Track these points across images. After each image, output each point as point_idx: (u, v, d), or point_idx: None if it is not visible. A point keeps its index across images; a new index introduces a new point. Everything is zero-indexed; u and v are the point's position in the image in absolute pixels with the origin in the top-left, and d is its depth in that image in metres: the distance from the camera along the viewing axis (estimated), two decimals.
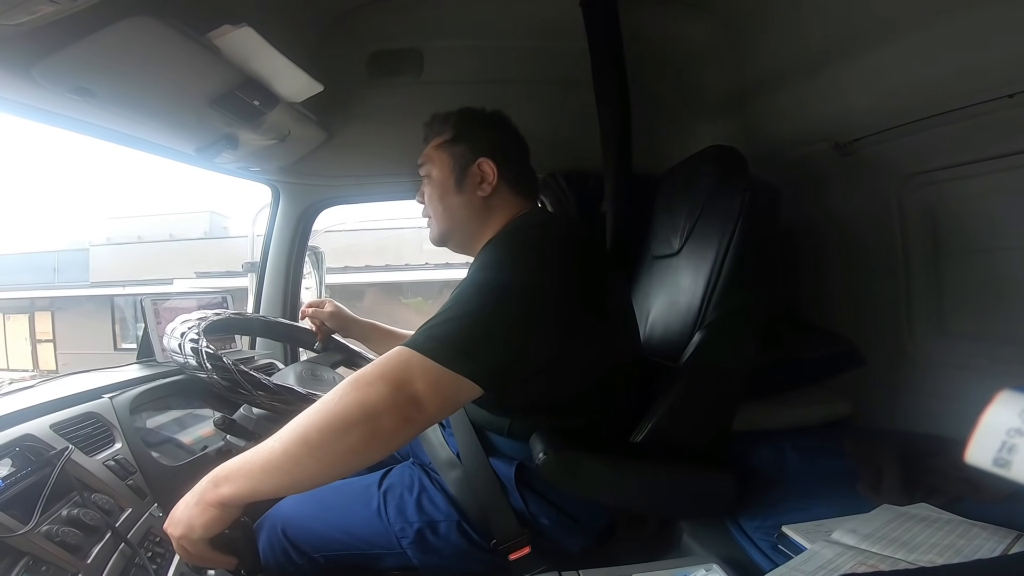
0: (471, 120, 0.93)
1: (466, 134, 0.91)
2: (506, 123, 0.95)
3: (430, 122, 0.95)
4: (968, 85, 0.88)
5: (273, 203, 1.56)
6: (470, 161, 0.89)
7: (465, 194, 0.90)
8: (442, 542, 0.83)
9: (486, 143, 0.90)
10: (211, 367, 0.91)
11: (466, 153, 0.90)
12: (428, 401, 0.63)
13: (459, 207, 0.90)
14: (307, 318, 1.21)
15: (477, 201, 0.90)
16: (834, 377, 1.29)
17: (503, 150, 0.91)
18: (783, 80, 1.22)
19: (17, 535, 0.64)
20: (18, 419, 0.81)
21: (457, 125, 0.92)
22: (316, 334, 1.23)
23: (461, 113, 0.93)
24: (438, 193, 0.92)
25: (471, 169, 0.89)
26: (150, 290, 6.29)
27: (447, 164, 0.91)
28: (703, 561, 0.76)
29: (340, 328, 1.22)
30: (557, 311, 0.73)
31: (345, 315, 1.21)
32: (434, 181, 0.92)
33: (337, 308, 1.21)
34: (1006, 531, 0.69)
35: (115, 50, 0.75)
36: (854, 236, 1.29)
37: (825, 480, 0.97)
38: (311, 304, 1.22)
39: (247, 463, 0.63)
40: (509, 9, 1.30)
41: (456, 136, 0.91)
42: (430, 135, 0.94)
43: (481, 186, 0.89)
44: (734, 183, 0.92)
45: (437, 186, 0.92)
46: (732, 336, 0.87)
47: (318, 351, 1.22)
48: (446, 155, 0.91)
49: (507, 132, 0.94)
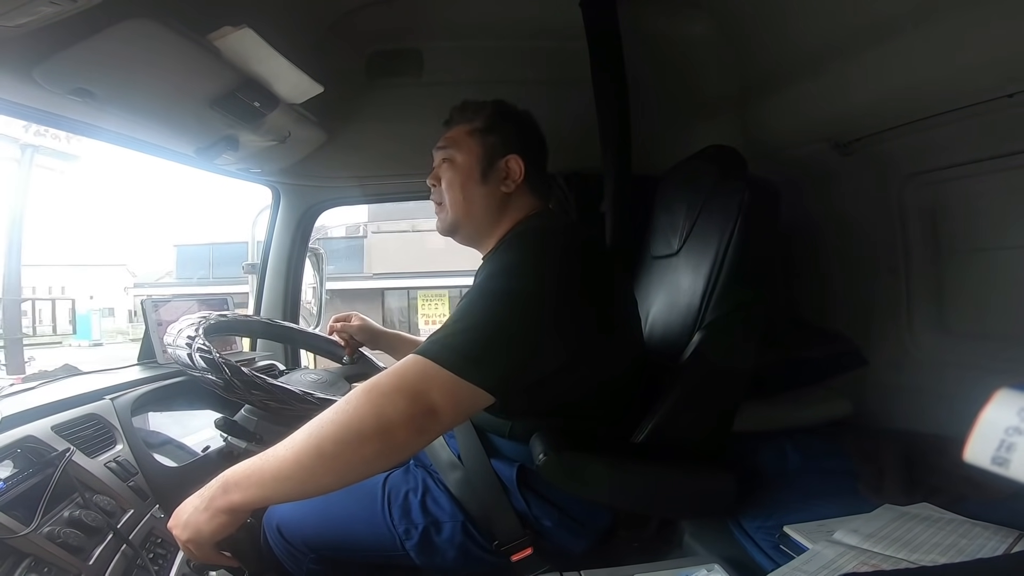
0: (506, 115, 0.92)
1: (500, 127, 0.90)
2: (536, 125, 0.95)
3: (461, 107, 0.93)
4: (968, 85, 0.88)
5: (273, 204, 1.57)
6: (500, 155, 0.88)
7: (488, 186, 0.89)
8: (445, 543, 0.83)
9: (518, 140, 0.90)
10: (229, 374, 0.90)
11: (497, 146, 0.89)
12: (443, 411, 0.63)
13: (479, 198, 0.89)
14: (335, 333, 1.20)
15: (498, 195, 0.89)
16: (835, 377, 1.29)
17: (531, 149, 0.91)
18: (783, 80, 1.22)
19: (19, 536, 0.65)
20: (20, 421, 0.81)
21: (492, 116, 0.90)
22: (345, 347, 1.22)
23: (497, 105, 0.92)
24: (460, 179, 0.89)
25: (499, 163, 0.88)
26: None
27: (476, 152, 0.89)
28: (705, 561, 0.76)
29: (368, 341, 1.21)
30: (567, 318, 0.73)
31: (372, 328, 1.21)
32: (457, 166, 0.90)
33: (364, 321, 1.21)
34: (1008, 530, 0.69)
35: (115, 52, 0.76)
36: (854, 236, 1.29)
37: (826, 480, 0.97)
38: (338, 319, 1.21)
39: (258, 470, 0.63)
40: (509, 9, 1.30)
41: (490, 127, 0.90)
42: (459, 120, 0.92)
43: (505, 181, 0.89)
44: (734, 183, 0.92)
45: (460, 172, 0.89)
46: (732, 336, 0.87)
47: (346, 364, 1.23)
48: (476, 143, 0.89)
49: (536, 133, 0.95)
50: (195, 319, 1.01)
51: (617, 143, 1.28)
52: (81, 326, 6.24)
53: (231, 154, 1.15)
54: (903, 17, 0.88)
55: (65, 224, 27.13)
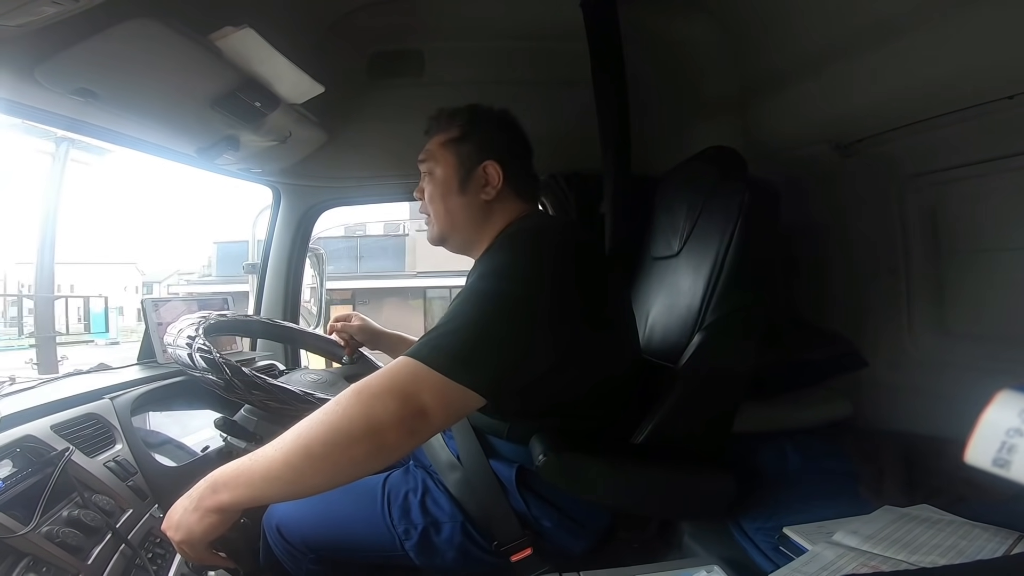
0: (479, 119, 0.90)
1: (474, 134, 0.88)
2: (513, 124, 0.93)
3: (436, 116, 0.92)
4: (968, 86, 0.88)
5: (274, 204, 1.57)
6: (476, 163, 0.86)
7: (468, 196, 0.87)
8: (445, 543, 0.83)
9: (493, 145, 0.88)
10: (229, 374, 0.89)
11: (472, 154, 0.87)
12: (434, 413, 0.63)
13: (460, 209, 0.88)
14: (335, 333, 1.19)
15: (479, 204, 0.87)
16: (835, 377, 1.29)
17: (510, 153, 0.89)
18: (783, 81, 1.22)
19: (18, 536, 0.65)
20: (19, 420, 0.81)
21: (465, 124, 0.88)
22: (345, 347, 1.21)
23: (469, 111, 0.90)
24: (440, 193, 0.89)
25: (476, 171, 0.86)
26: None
27: (452, 164, 0.87)
28: (704, 562, 0.76)
29: (368, 341, 1.20)
30: (558, 319, 0.72)
31: (373, 328, 1.19)
32: (436, 180, 0.89)
33: (365, 322, 1.19)
34: (1008, 532, 0.69)
35: (117, 52, 0.76)
36: (855, 237, 1.29)
37: (826, 481, 0.97)
38: (339, 318, 1.20)
39: (246, 470, 0.63)
40: (509, 9, 1.30)
41: (463, 135, 0.88)
42: (435, 130, 0.91)
43: (485, 189, 0.87)
44: (734, 184, 0.92)
45: (439, 185, 0.88)
46: (732, 337, 0.87)
47: (346, 364, 1.23)
48: (451, 154, 0.88)
49: (514, 133, 0.92)
50: (195, 319, 1.01)
51: (617, 143, 1.28)
52: (99, 324, 6.27)
53: (232, 154, 1.15)
54: (904, 18, 0.88)
55: (77, 220, 27.12)
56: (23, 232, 15.69)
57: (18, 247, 12.95)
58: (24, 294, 7.80)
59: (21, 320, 3.61)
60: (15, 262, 9.95)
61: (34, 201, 4.54)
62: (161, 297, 1.46)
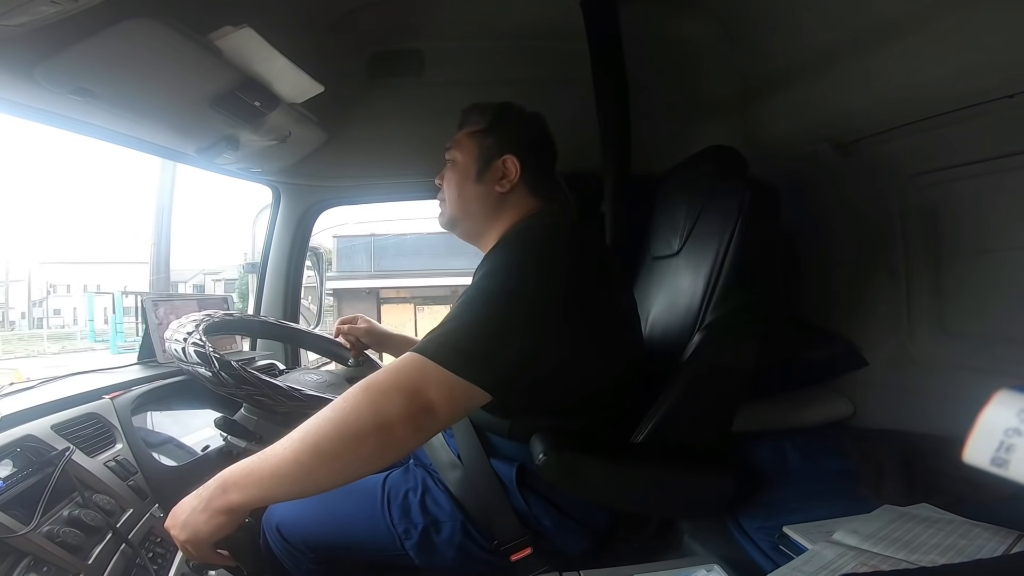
0: (506, 115, 0.94)
1: (498, 128, 0.92)
2: (542, 125, 0.97)
3: (468, 110, 0.96)
4: (968, 85, 0.88)
5: (274, 204, 1.57)
6: (496, 155, 0.91)
7: (483, 186, 0.91)
8: (445, 542, 0.83)
9: (516, 140, 0.92)
10: (218, 366, 0.89)
11: (493, 147, 0.91)
12: (441, 409, 0.63)
13: (474, 197, 0.91)
14: (341, 335, 1.20)
15: (493, 195, 0.91)
16: (835, 377, 1.29)
17: (531, 150, 0.92)
18: (783, 80, 1.22)
19: (18, 535, 0.65)
20: (19, 420, 0.81)
21: (492, 118, 0.93)
22: (350, 350, 1.22)
23: (499, 107, 0.94)
24: (457, 179, 0.93)
25: (495, 163, 0.90)
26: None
27: (473, 153, 0.92)
28: (704, 562, 0.76)
29: (375, 344, 1.21)
30: (564, 318, 0.73)
31: (379, 331, 1.20)
32: (457, 167, 0.93)
33: (371, 324, 1.20)
34: (1007, 531, 0.69)
35: (116, 51, 0.76)
36: (854, 236, 1.29)
37: (826, 480, 0.97)
38: (345, 321, 1.21)
39: (256, 470, 0.63)
40: (509, 9, 1.30)
41: (488, 128, 0.92)
42: (465, 122, 0.95)
43: (501, 181, 0.90)
44: (734, 183, 0.92)
45: (458, 172, 0.93)
46: (732, 337, 0.87)
47: (351, 366, 1.23)
48: (474, 144, 0.92)
49: (540, 133, 0.96)
50: (196, 317, 1.01)
51: (617, 143, 1.28)
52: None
53: (231, 154, 1.15)
54: (904, 18, 0.88)
55: (91, 218, 26.80)
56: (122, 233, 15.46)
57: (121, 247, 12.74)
58: (140, 292, 7.45)
59: (138, 319, 3.56)
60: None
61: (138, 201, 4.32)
62: (161, 296, 1.46)
